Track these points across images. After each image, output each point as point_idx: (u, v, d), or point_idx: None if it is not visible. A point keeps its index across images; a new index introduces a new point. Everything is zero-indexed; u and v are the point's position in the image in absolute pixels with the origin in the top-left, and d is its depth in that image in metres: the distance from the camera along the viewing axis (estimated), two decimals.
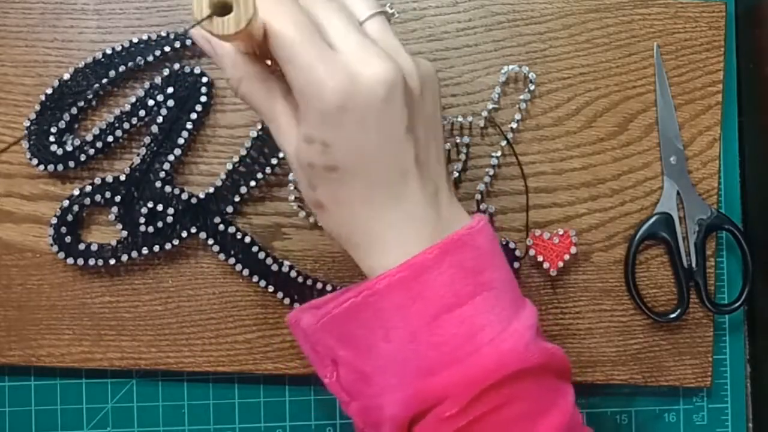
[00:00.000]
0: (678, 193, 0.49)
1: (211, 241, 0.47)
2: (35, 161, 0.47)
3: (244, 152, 0.48)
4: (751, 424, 0.52)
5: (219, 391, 0.50)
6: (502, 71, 0.48)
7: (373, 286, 0.35)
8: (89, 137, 0.47)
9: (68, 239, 0.47)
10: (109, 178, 0.47)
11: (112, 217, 0.47)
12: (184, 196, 0.47)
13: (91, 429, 0.50)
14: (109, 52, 0.47)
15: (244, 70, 0.35)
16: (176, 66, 0.48)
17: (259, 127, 0.48)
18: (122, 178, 0.47)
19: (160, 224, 0.47)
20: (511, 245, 0.48)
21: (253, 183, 0.47)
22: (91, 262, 0.47)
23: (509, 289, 0.37)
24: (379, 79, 0.33)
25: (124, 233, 0.47)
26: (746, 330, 0.53)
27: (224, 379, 0.50)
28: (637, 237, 0.49)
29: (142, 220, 0.47)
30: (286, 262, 0.48)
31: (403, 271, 0.34)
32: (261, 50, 0.35)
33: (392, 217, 0.35)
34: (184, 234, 0.47)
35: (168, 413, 0.50)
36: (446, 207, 0.37)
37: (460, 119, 0.48)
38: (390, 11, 0.37)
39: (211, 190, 0.48)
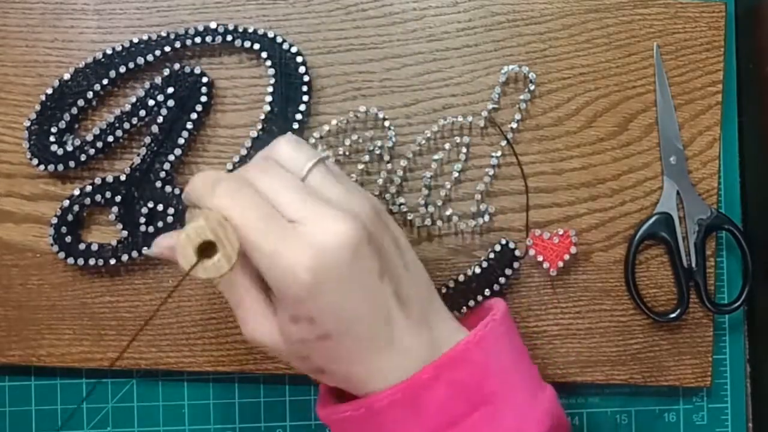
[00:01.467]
0: (678, 193, 0.49)
1: None
2: (35, 161, 0.47)
3: (244, 152, 0.48)
4: (751, 424, 0.52)
5: (219, 391, 0.51)
6: (502, 71, 0.48)
7: (371, 405, 0.36)
8: (89, 137, 0.47)
9: (68, 239, 0.47)
10: (110, 178, 0.47)
11: (112, 217, 0.47)
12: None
13: (91, 429, 0.50)
14: (109, 52, 0.47)
15: None
16: (176, 66, 0.48)
17: (260, 127, 0.48)
18: (122, 178, 0.47)
19: (160, 224, 0.47)
20: (511, 245, 0.48)
21: None
22: (92, 262, 0.47)
23: (519, 388, 0.38)
24: (343, 244, 0.34)
25: (125, 233, 0.47)
26: (746, 330, 0.53)
27: (224, 379, 0.50)
28: (637, 237, 0.49)
29: (143, 220, 0.47)
30: None
31: (398, 392, 0.35)
32: None
33: (387, 357, 0.36)
34: None
35: (168, 413, 0.50)
36: (441, 324, 0.38)
37: (460, 119, 0.48)
38: (324, 155, 0.37)
39: None
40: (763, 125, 0.51)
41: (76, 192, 0.47)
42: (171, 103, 0.47)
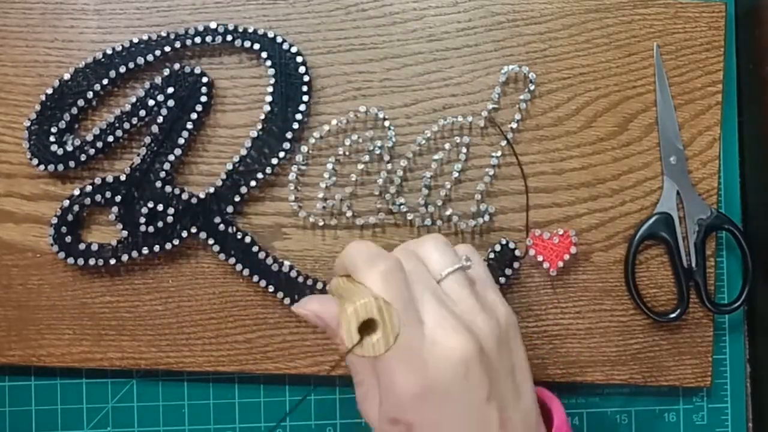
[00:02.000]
0: (678, 193, 0.49)
1: (211, 241, 0.47)
2: (35, 161, 0.47)
3: (244, 152, 0.48)
4: (751, 424, 0.52)
5: (219, 391, 0.51)
6: (502, 71, 0.48)
7: None
8: (89, 137, 0.47)
9: (68, 239, 0.47)
10: (110, 178, 0.47)
11: (112, 217, 0.47)
12: (185, 196, 0.47)
13: (91, 429, 0.50)
14: (109, 52, 0.47)
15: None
16: (176, 66, 0.48)
17: (260, 127, 0.48)
18: (122, 178, 0.47)
19: (160, 224, 0.47)
20: (511, 245, 0.48)
21: (253, 183, 0.48)
22: (92, 262, 0.47)
23: None
24: (456, 359, 0.34)
25: (124, 233, 0.47)
26: (746, 330, 0.53)
27: (224, 379, 0.50)
28: (637, 237, 0.49)
29: (142, 220, 0.47)
30: (286, 262, 0.48)
31: None
32: None
33: None
34: (184, 234, 0.47)
35: (168, 413, 0.50)
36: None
37: (460, 119, 0.48)
38: (467, 264, 0.37)
39: (211, 190, 0.48)
40: (763, 125, 0.51)
41: (76, 192, 0.47)
42: (171, 103, 0.47)
